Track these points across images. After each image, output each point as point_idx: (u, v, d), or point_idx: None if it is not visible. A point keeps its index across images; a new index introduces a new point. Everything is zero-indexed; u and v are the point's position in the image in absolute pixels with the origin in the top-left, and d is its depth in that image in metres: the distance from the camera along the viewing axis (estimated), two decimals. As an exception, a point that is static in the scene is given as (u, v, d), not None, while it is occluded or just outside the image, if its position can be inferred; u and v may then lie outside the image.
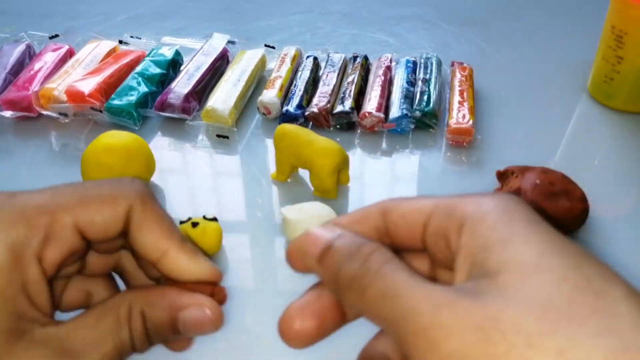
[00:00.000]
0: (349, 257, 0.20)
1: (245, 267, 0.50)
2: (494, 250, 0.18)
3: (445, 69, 0.72)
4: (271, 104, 0.64)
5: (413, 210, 0.22)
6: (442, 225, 0.20)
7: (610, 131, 0.64)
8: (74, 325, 0.22)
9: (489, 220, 0.19)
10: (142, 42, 0.77)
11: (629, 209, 0.54)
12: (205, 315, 0.23)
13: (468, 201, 0.20)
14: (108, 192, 0.23)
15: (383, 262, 0.19)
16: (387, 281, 0.19)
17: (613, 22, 0.63)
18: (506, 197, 0.20)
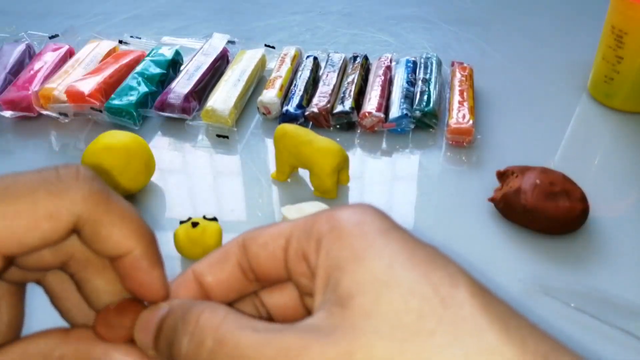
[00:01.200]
0: (174, 332, 0.18)
1: (245, 267, 0.50)
2: (347, 270, 0.17)
3: (445, 69, 0.72)
4: (271, 104, 0.64)
5: (272, 236, 0.20)
6: (301, 246, 0.19)
7: (610, 131, 0.64)
8: None
9: (343, 236, 0.18)
10: (142, 42, 0.77)
11: (629, 209, 0.54)
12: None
13: (324, 217, 0.19)
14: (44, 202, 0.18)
15: (217, 325, 0.18)
16: (228, 347, 0.17)
17: (613, 22, 0.63)
18: (359, 207, 0.19)
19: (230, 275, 0.21)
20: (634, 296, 0.46)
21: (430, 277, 0.17)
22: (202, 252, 0.48)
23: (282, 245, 0.20)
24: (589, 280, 0.47)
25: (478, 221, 0.52)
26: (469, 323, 0.16)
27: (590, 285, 0.47)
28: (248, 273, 0.21)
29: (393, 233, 0.18)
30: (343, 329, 0.16)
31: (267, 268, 0.21)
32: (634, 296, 0.46)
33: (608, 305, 0.45)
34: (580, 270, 0.48)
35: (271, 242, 0.20)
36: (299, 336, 0.17)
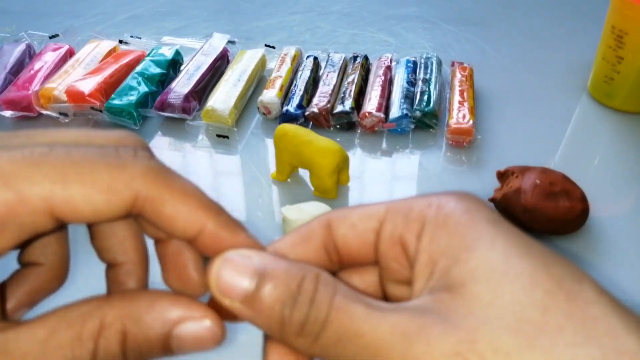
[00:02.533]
0: (292, 300, 0.17)
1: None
2: (458, 258, 0.17)
3: (445, 69, 0.72)
4: (271, 104, 0.64)
5: (364, 217, 0.20)
6: (397, 229, 0.19)
7: (611, 131, 0.64)
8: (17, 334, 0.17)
9: (451, 223, 0.18)
10: (142, 42, 0.77)
11: (629, 209, 0.54)
12: (205, 329, 0.19)
13: (425, 202, 0.19)
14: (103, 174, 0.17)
15: (332, 295, 0.17)
16: (343, 319, 0.17)
17: (613, 22, 0.63)
18: (465, 195, 0.19)
19: (313, 255, 0.20)
20: (635, 296, 0.46)
21: (551, 270, 0.16)
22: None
23: (374, 227, 0.19)
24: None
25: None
26: (600, 322, 0.15)
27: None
28: (332, 254, 0.20)
29: (502, 225, 0.18)
30: (462, 315, 0.16)
31: (354, 250, 0.20)
32: (634, 296, 0.46)
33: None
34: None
35: (361, 223, 0.20)
36: (414, 316, 0.16)
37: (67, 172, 0.17)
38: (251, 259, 0.18)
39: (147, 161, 0.18)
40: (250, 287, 0.18)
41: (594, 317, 0.15)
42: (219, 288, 0.18)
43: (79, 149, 0.18)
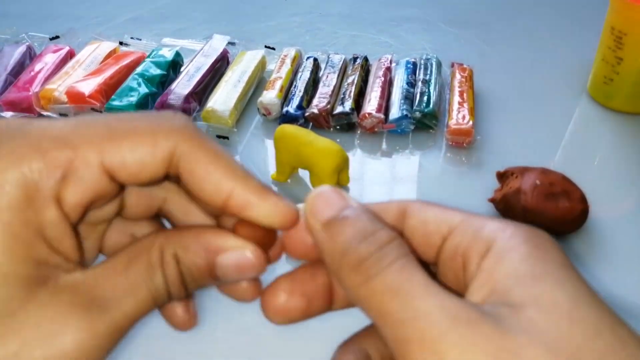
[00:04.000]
0: (363, 237, 0.18)
1: (245, 267, 0.50)
2: (522, 283, 0.17)
3: (445, 70, 0.72)
4: (271, 105, 0.64)
5: (437, 219, 0.20)
6: (464, 243, 0.19)
7: (610, 132, 0.64)
8: (102, 270, 0.19)
9: (521, 252, 0.17)
10: (143, 44, 0.77)
11: (629, 210, 0.54)
12: (247, 258, 0.20)
13: (498, 226, 0.19)
14: (144, 127, 0.19)
15: (400, 255, 0.18)
16: (401, 276, 0.17)
17: (613, 23, 0.63)
18: (538, 232, 0.19)
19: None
20: (634, 297, 0.46)
21: (617, 329, 0.16)
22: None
23: (443, 232, 0.20)
24: (589, 281, 0.47)
25: (478, 222, 0.52)
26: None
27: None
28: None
29: (575, 272, 0.18)
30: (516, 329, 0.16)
31: (417, 244, 0.20)
32: (634, 297, 0.46)
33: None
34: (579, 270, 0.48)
35: (434, 223, 0.20)
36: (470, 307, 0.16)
37: (114, 130, 0.19)
38: (347, 200, 0.20)
39: (184, 121, 0.20)
40: (336, 215, 0.19)
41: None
42: (311, 206, 0.20)
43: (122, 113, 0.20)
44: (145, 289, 0.19)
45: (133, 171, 0.19)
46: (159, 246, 0.20)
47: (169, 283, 0.19)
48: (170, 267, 0.19)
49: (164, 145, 0.19)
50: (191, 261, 0.20)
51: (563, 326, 0.16)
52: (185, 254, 0.20)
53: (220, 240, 0.20)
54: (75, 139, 0.18)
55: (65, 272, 0.18)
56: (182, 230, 0.21)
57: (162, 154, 0.19)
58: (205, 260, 0.20)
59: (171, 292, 0.20)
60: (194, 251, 0.20)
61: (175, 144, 0.19)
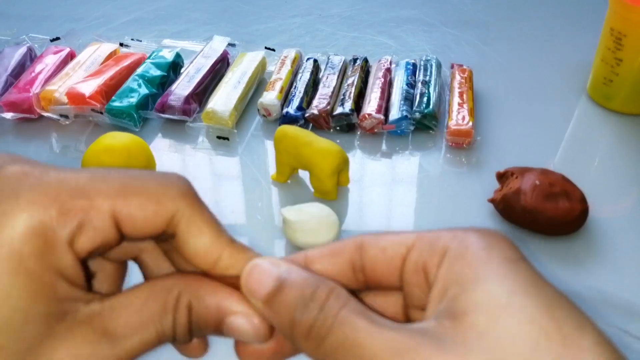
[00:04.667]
0: (304, 303, 0.19)
1: (246, 268, 0.50)
2: (466, 288, 0.18)
3: (444, 71, 0.72)
4: (271, 106, 0.65)
5: (394, 242, 0.21)
6: (422, 258, 0.20)
7: (610, 133, 0.65)
8: (119, 304, 0.20)
9: (468, 256, 0.19)
10: (143, 45, 0.77)
11: (629, 210, 0.55)
12: (253, 326, 0.21)
13: (451, 235, 0.20)
14: (154, 188, 0.21)
15: (341, 307, 0.19)
16: (346, 329, 0.18)
17: (612, 24, 0.63)
18: (490, 233, 0.20)
19: (340, 269, 0.21)
20: (634, 297, 0.46)
21: (555, 312, 0.17)
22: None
23: (401, 254, 0.21)
24: (589, 281, 0.47)
25: (478, 222, 0.52)
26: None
27: (589, 286, 0.47)
28: (358, 273, 0.21)
29: (521, 264, 0.18)
30: (454, 342, 0.17)
31: (381, 272, 0.21)
32: (633, 297, 0.46)
33: (607, 306, 0.45)
34: (579, 271, 0.48)
35: (391, 248, 0.21)
36: (410, 336, 0.17)
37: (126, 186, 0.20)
38: (278, 266, 0.21)
39: (188, 186, 0.22)
40: (272, 290, 0.20)
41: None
42: (247, 288, 0.21)
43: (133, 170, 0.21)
44: (154, 328, 0.20)
45: (138, 225, 0.20)
46: (178, 291, 0.21)
47: (176, 327, 0.21)
48: (182, 314, 0.21)
49: (169, 206, 0.21)
50: (203, 313, 0.21)
51: (500, 324, 0.16)
52: (199, 306, 0.21)
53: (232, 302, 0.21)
54: (90, 190, 0.20)
55: (85, 304, 0.20)
56: (200, 281, 0.22)
57: (166, 214, 0.21)
58: (216, 317, 0.21)
59: (177, 335, 0.21)
60: (207, 305, 0.21)
61: (178, 207, 0.21)
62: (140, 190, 0.20)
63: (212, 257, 0.22)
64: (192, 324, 0.21)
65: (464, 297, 0.18)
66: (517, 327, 0.16)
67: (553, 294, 0.17)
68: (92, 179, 0.20)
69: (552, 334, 0.16)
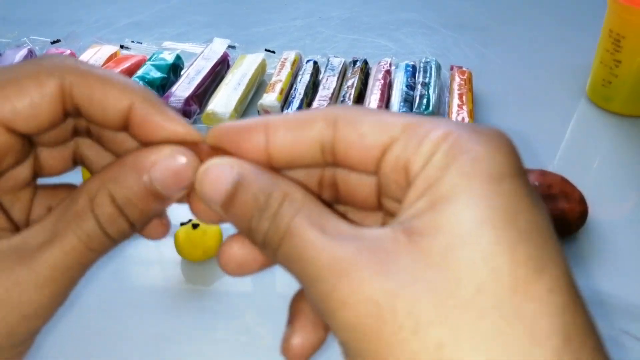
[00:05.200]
0: (258, 210, 0.18)
1: (246, 269, 0.50)
2: (435, 206, 0.16)
3: (444, 73, 0.72)
4: (271, 108, 0.65)
5: (377, 129, 0.18)
6: (406, 154, 0.17)
7: (609, 134, 0.65)
8: (29, 231, 0.19)
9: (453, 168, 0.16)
10: (143, 47, 0.78)
11: (628, 212, 0.55)
12: (180, 163, 0.19)
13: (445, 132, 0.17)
14: (26, 72, 0.19)
15: (293, 215, 0.18)
16: (295, 240, 0.17)
17: (611, 26, 0.63)
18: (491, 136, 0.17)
19: (305, 147, 0.19)
20: (633, 297, 0.46)
21: (517, 250, 0.15)
22: (203, 254, 0.48)
23: (383, 143, 0.18)
24: (588, 282, 0.47)
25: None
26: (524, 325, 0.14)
27: (589, 287, 0.47)
28: (327, 153, 0.19)
29: (505, 184, 0.16)
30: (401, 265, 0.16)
31: (354, 158, 0.19)
32: (633, 297, 0.46)
33: (607, 307, 0.45)
34: (579, 272, 0.48)
35: (371, 135, 0.18)
36: (356, 252, 0.16)
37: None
38: (232, 167, 0.19)
39: (66, 57, 0.20)
40: (227, 195, 0.19)
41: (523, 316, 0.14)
42: (202, 192, 0.19)
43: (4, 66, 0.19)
44: (73, 236, 0.19)
45: (28, 116, 0.19)
46: (87, 192, 0.19)
47: (103, 223, 0.19)
48: (104, 207, 0.19)
49: (50, 81, 0.19)
50: (124, 191, 0.19)
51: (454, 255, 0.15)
52: (116, 186, 0.19)
53: (146, 156, 0.19)
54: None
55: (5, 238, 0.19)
56: (107, 167, 0.20)
57: (50, 89, 0.19)
58: (138, 183, 0.19)
59: (109, 232, 0.19)
60: (123, 179, 0.19)
61: (61, 77, 0.19)
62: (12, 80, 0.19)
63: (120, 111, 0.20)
64: (124, 209, 0.19)
65: (429, 216, 0.16)
66: (468, 266, 0.15)
67: (526, 226, 0.15)
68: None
69: (503, 277, 0.15)
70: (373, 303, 0.15)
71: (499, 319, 0.14)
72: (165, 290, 0.48)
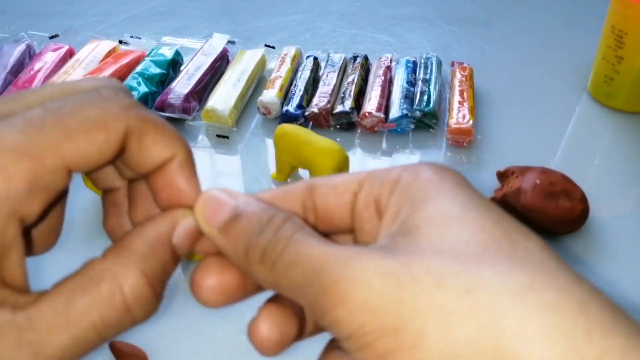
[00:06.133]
0: (260, 228, 0.19)
1: (246, 267, 0.50)
2: (417, 207, 0.18)
3: (445, 69, 0.72)
4: (271, 104, 0.64)
5: (344, 180, 0.21)
6: (374, 190, 0.20)
7: (611, 131, 0.64)
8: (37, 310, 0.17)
9: (419, 181, 0.19)
10: (142, 42, 0.77)
11: (629, 209, 0.54)
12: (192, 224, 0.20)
13: (402, 168, 0.20)
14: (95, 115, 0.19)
15: (294, 231, 0.18)
16: (299, 247, 0.18)
17: (613, 22, 0.63)
18: (441, 165, 0.20)
19: (290, 210, 0.21)
20: (635, 295, 0.46)
21: (502, 223, 0.17)
22: (202, 252, 0.48)
23: (353, 189, 0.21)
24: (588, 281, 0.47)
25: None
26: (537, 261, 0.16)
27: (590, 286, 0.47)
28: (309, 213, 0.21)
29: (469, 188, 0.19)
30: (405, 250, 0.17)
31: (332, 210, 0.21)
32: (634, 295, 0.46)
33: (608, 306, 0.45)
34: (580, 270, 0.48)
35: (342, 185, 0.21)
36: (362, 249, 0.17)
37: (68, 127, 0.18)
38: (236, 198, 0.20)
39: (127, 99, 0.20)
40: (228, 218, 0.19)
41: (532, 259, 0.16)
42: (202, 215, 0.20)
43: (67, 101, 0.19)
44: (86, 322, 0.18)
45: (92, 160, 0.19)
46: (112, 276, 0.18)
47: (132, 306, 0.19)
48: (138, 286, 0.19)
49: (117, 129, 0.19)
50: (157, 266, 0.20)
51: (452, 231, 0.17)
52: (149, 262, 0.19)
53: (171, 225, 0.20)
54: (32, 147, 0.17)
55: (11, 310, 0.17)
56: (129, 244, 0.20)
57: (115, 137, 0.19)
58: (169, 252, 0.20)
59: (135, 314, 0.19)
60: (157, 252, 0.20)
61: (126, 124, 0.19)
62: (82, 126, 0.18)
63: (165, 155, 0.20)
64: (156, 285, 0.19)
65: (415, 215, 0.18)
66: (468, 234, 0.17)
67: (499, 211, 0.18)
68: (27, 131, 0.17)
69: (501, 238, 0.17)
70: (388, 274, 0.16)
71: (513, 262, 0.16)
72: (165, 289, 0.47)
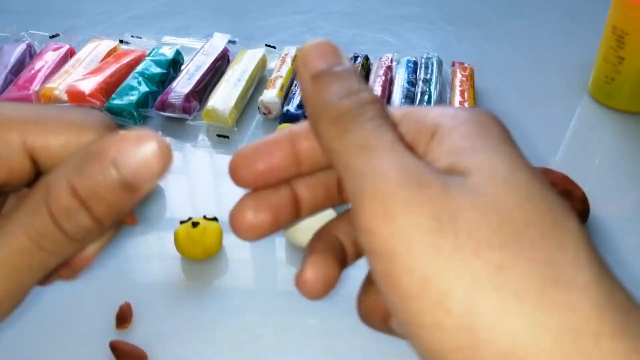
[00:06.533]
0: (347, 93, 0.19)
1: (246, 267, 0.50)
2: (464, 155, 0.18)
3: (446, 69, 0.72)
4: (272, 104, 0.64)
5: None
6: (410, 133, 0.20)
7: (611, 131, 0.64)
8: None
9: (462, 130, 0.18)
10: (143, 42, 0.77)
11: (630, 210, 0.54)
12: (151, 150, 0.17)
13: (441, 112, 0.20)
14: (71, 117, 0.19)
15: (377, 116, 0.18)
16: (372, 134, 0.18)
17: (614, 22, 0.63)
18: (482, 111, 0.20)
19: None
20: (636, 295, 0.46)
21: (546, 195, 0.17)
22: (203, 252, 0.48)
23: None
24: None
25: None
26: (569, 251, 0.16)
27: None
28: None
29: (514, 144, 0.19)
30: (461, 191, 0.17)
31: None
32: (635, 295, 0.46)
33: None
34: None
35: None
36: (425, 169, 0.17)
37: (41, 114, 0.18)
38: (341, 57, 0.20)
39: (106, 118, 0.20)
40: (327, 68, 0.19)
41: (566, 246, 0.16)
42: (305, 56, 0.19)
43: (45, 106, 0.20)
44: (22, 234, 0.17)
45: (56, 155, 0.18)
46: (43, 186, 0.17)
47: (58, 218, 0.17)
48: (60, 199, 0.17)
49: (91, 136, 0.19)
50: (89, 181, 0.17)
51: (500, 190, 0.17)
52: (79, 177, 0.17)
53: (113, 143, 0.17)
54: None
55: None
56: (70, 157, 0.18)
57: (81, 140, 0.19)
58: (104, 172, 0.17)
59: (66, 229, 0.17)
60: (88, 169, 0.17)
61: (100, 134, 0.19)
62: (56, 118, 0.18)
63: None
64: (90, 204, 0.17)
65: (463, 162, 0.18)
66: (516, 201, 0.17)
67: (543, 179, 0.18)
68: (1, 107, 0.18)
69: (544, 214, 0.17)
70: (436, 219, 0.16)
71: (547, 249, 0.16)
72: (165, 289, 0.48)
